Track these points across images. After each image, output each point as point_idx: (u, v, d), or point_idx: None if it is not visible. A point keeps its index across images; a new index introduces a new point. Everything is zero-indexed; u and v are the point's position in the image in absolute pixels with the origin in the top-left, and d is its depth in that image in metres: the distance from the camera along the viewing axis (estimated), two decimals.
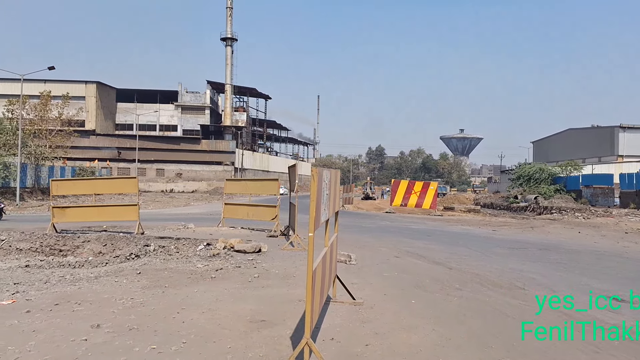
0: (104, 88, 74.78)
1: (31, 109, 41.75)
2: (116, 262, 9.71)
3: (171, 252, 10.68)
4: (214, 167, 72.40)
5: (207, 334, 5.19)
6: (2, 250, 11.14)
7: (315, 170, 4.00)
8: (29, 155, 39.00)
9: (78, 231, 14.35)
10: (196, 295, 6.88)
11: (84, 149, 64.29)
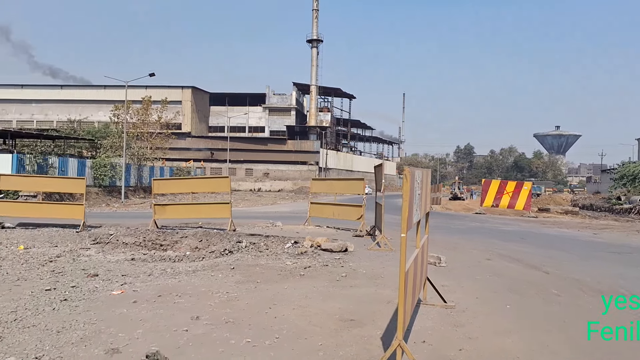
0: (199, 92, 78.87)
1: (134, 113, 44.97)
2: (211, 257, 10.20)
3: (261, 248, 11.04)
4: (299, 167, 73.90)
5: (298, 330, 5.30)
6: (111, 244, 12.09)
7: (408, 170, 3.94)
8: (132, 156, 42.03)
9: (176, 227, 15.23)
10: (286, 291, 7.06)
11: (181, 150, 68.16)
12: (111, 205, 31.72)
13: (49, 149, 39.23)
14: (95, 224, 15.36)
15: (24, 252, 10.43)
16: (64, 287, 7.01)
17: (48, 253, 10.38)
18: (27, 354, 4.38)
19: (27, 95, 76.96)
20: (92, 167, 37.13)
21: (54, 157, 34.83)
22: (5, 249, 10.84)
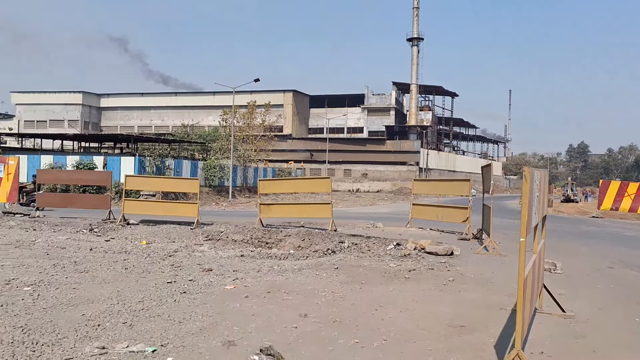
0: (299, 95, 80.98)
1: (240, 118, 47.24)
2: (315, 257, 10.40)
3: (363, 249, 11.05)
4: (398, 167, 73.07)
5: (406, 333, 5.23)
6: (222, 241, 12.77)
7: (528, 170, 3.73)
8: (238, 158, 44.17)
9: (280, 226, 15.73)
10: (392, 294, 6.99)
11: (282, 152, 70.38)
12: (220, 204, 33.56)
13: (166, 151, 42.43)
14: (207, 222, 16.30)
15: (146, 247, 11.34)
16: (182, 281, 7.52)
17: (167, 248, 11.19)
18: (154, 342, 4.75)
19: (147, 103, 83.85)
20: (203, 168, 39.55)
21: (170, 160, 37.59)
22: (130, 243, 11.86)
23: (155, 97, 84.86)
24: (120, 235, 13.22)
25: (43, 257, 9.54)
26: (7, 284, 6.94)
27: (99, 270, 8.31)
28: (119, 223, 15.24)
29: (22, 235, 12.54)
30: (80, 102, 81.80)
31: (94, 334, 4.92)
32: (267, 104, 51.06)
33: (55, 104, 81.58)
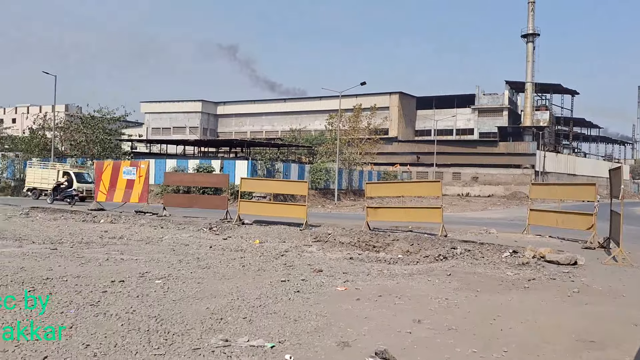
0: (405, 97, 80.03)
1: (346, 121, 47.77)
2: (426, 262, 10.19)
3: (477, 256, 10.62)
4: (511, 171, 69.24)
5: (528, 345, 4.93)
6: (329, 242, 12.99)
7: None
8: (344, 161, 44.68)
9: (387, 230, 15.62)
10: (511, 303, 6.64)
11: (387, 155, 69.92)
12: (326, 206, 34.15)
13: (275, 155, 44.13)
14: (315, 224, 16.66)
15: (260, 246, 11.87)
16: (295, 280, 7.76)
17: (278, 247, 11.62)
18: (272, 338, 4.94)
19: (258, 109, 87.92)
20: (310, 171, 40.53)
21: (279, 163, 39.05)
22: (245, 242, 12.49)
23: (265, 104, 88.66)
24: (236, 234, 13.96)
25: (170, 252, 10.37)
26: (141, 277, 7.63)
27: (219, 266, 8.84)
28: (235, 222, 16.10)
29: (152, 232, 13.74)
30: (199, 110, 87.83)
31: (218, 327, 5.23)
32: (373, 106, 51.13)
33: (178, 112, 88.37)
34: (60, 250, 10.21)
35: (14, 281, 7.01)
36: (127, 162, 22.35)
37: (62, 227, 14.25)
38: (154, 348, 4.53)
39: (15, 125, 77.06)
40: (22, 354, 4.25)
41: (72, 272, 7.83)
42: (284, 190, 24.30)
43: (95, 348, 4.46)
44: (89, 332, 4.89)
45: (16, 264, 8.39)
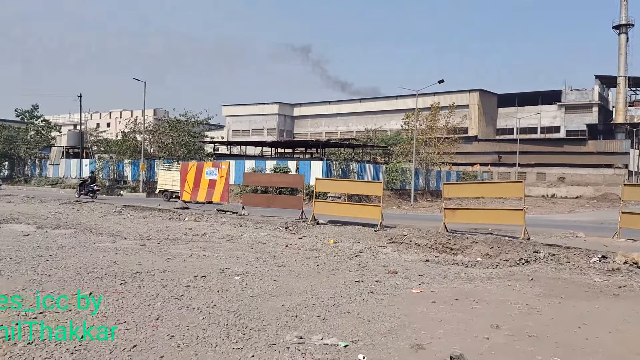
0: (486, 95, 77.29)
1: (423, 120, 46.95)
2: (506, 266, 9.82)
3: (562, 261, 10.07)
4: (602, 171, 64.78)
5: (615, 356, 4.63)
6: (405, 244, 12.85)
7: None
8: (420, 162, 43.93)
9: (466, 232, 15.19)
10: (597, 311, 6.25)
11: (467, 154, 67.90)
12: (401, 207, 33.77)
13: (350, 156, 44.26)
14: (390, 225, 16.53)
15: (334, 246, 11.97)
16: (369, 281, 7.76)
17: (353, 248, 11.67)
18: (345, 337, 4.99)
19: (333, 110, 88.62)
20: (385, 171, 40.24)
21: (354, 163, 39.11)
22: (320, 242, 12.65)
23: (341, 105, 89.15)
24: (311, 233, 14.17)
25: (248, 250, 10.73)
26: (221, 272, 7.97)
27: (294, 265, 9.03)
28: (310, 222, 16.34)
29: (232, 230, 14.27)
30: (277, 112, 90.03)
31: (293, 324, 5.36)
32: (451, 105, 49.87)
33: (256, 115, 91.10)
34: (149, 246, 10.87)
35: (107, 274, 7.57)
36: (210, 163, 23.37)
37: (151, 225, 15.16)
38: (233, 342, 4.72)
39: (110, 129, 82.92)
40: (114, 343, 4.59)
41: (159, 267, 8.33)
42: (358, 190, 24.32)
43: (179, 339, 4.73)
44: (173, 324, 5.19)
45: (110, 258, 9.06)
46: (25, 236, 11.63)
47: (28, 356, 4.20)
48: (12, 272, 7.48)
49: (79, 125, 58.92)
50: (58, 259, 8.73)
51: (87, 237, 11.87)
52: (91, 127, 76.03)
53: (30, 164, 53.68)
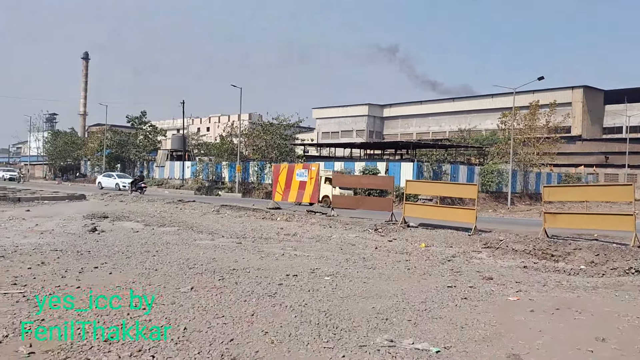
0: (591, 92, 71.92)
1: (521, 119, 44.67)
2: (613, 275, 9.11)
3: None
4: None
5: None
6: (501, 249, 12.31)
7: None
8: (518, 163, 41.86)
9: (568, 238, 14.26)
10: None
11: (569, 155, 63.60)
12: (497, 210, 32.37)
13: (442, 157, 43.16)
14: (485, 229, 15.92)
15: (425, 250, 11.77)
16: (462, 286, 7.54)
17: (445, 252, 11.39)
18: (437, 342, 4.90)
19: (424, 110, 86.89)
20: (480, 173, 38.81)
21: (446, 165, 38.11)
22: (410, 245, 12.50)
23: (432, 104, 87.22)
24: (401, 236, 14.03)
25: (338, 251, 10.86)
26: (312, 272, 8.15)
27: (384, 267, 9.00)
28: (400, 225, 16.17)
29: (321, 231, 14.51)
30: (366, 113, 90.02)
31: (383, 327, 5.36)
32: (552, 103, 46.97)
33: (345, 117, 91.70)
34: (244, 244, 11.36)
35: (207, 270, 8.02)
36: (300, 165, 23.91)
37: (246, 224, 15.82)
38: (324, 341, 4.81)
39: (209, 133, 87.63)
40: (212, 336, 4.86)
41: (254, 264, 8.68)
42: (451, 193, 23.68)
43: (273, 335, 4.91)
44: (267, 321, 5.39)
45: (209, 254, 9.59)
46: (135, 233, 12.63)
47: (132, 345, 4.56)
48: (124, 266, 8.17)
49: (181, 129, 62.86)
50: (163, 255, 9.39)
51: (188, 235, 12.64)
52: (192, 131, 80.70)
53: (139, 166, 58.11)
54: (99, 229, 12.81)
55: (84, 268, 7.85)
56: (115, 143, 58.31)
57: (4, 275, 7.09)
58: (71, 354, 4.25)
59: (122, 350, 4.36)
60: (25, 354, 4.20)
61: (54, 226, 13.27)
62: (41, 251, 9.29)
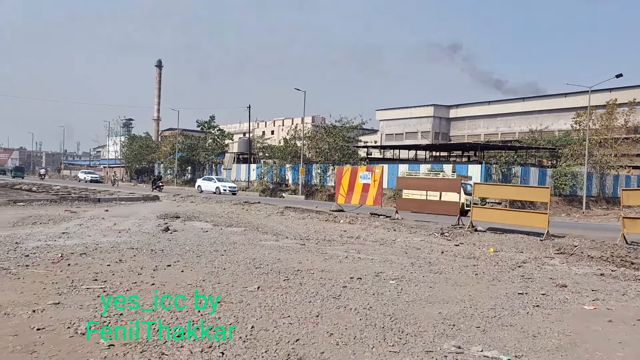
0: None
1: (597, 119, 42.28)
2: None
3: None
4: None
5: None
6: (575, 256, 11.70)
7: None
8: (594, 165, 39.64)
9: None
10: None
11: None
12: (571, 215, 30.82)
13: (512, 159, 41.60)
14: (558, 234, 15.21)
15: (494, 255, 11.39)
16: (534, 293, 7.24)
17: (515, 258, 10.97)
18: (507, 351, 4.73)
19: (492, 110, 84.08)
20: (552, 176, 37.11)
21: (516, 167, 36.71)
22: (478, 250, 12.14)
23: (501, 105, 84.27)
24: (469, 240, 13.66)
25: (402, 255, 10.73)
26: (376, 276, 8.10)
27: (451, 272, 8.80)
28: (467, 229, 15.75)
29: (385, 234, 14.40)
30: (431, 114, 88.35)
31: (450, 333, 5.24)
32: (631, 101, 44.11)
33: (409, 118, 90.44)
34: (308, 245, 11.49)
35: (272, 270, 8.18)
36: (363, 167, 23.87)
37: (309, 225, 15.99)
38: (389, 345, 4.78)
39: (273, 136, 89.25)
40: (279, 335, 4.95)
41: (318, 266, 8.76)
42: (521, 196, 22.77)
43: (338, 337, 4.93)
44: (332, 322, 5.42)
45: (274, 255, 9.77)
46: (204, 232, 13.09)
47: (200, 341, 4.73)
48: (194, 265, 8.49)
49: (247, 133, 64.50)
50: (231, 254, 9.68)
51: (254, 235, 12.95)
52: (257, 134, 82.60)
53: (208, 169, 60.21)
54: (171, 228, 13.39)
55: (157, 266, 8.24)
56: (186, 147, 60.75)
57: (86, 272, 7.57)
58: (147, 347, 4.47)
59: (193, 346, 4.53)
60: (105, 346, 4.45)
61: (130, 225, 14.00)
62: (119, 249, 9.84)
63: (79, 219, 15.25)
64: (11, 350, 4.29)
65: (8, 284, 6.64)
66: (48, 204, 20.66)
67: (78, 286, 6.62)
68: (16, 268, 7.65)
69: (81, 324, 5.01)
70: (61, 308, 5.58)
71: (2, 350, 4.28)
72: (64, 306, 5.65)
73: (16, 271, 7.44)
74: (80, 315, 5.29)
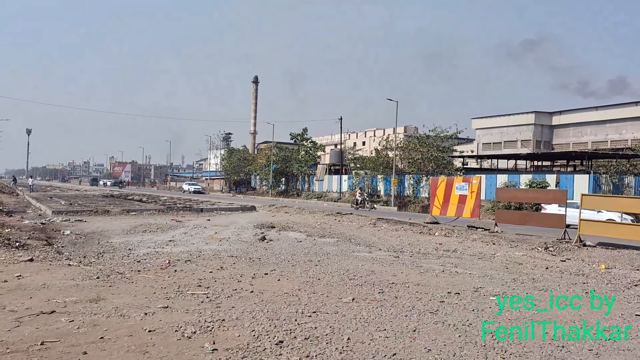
0: None
1: None
2: None
3: None
4: None
5: None
6: None
7: None
8: None
9: None
10: None
11: None
12: None
13: (625, 168, 38.16)
14: None
15: (606, 272, 10.48)
16: None
17: (630, 276, 10.03)
18: None
19: (600, 116, 77.92)
20: None
21: (629, 177, 33.67)
22: (587, 266, 11.24)
23: (610, 110, 77.87)
24: (577, 256, 12.71)
25: (503, 270, 10.21)
26: (475, 291, 7.78)
27: (558, 290, 8.23)
28: (575, 244, 14.67)
29: (484, 248, 13.80)
30: (532, 122, 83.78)
31: (559, 355, 4.89)
32: None
33: (508, 126, 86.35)
34: (402, 258, 11.31)
35: (366, 282, 8.14)
36: (460, 178, 23.12)
37: (402, 237, 15.74)
38: None
39: (365, 147, 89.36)
40: (375, 348, 4.89)
41: (413, 279, 8.58)
42: (637, 209, 20.81)
43: (436, 353, 4.79)
44: (429, 338, 5.28)
45: (367, 267, 9.73)
46: (298, 242, 13.36)
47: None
48: (290, 274, 8.68)
49: (339, 144, 65.15)
50: (324, 265, 9.78)
51: (347, 246, 12.99)
52: (349, 146, 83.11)
53: (301, 180, 61.55)
54: (267, 237, 13.83)
55: (255, 274, 8.53)
56: (280, 159, 62.60)
57: (191, 278, 8.02)
58: (247, 353, 4.63)
59: (291, 354, 4.62)
60: (209, 350, 4.67)
61: (230, 234, 14.65)
62: (219, 257, 10.32)
63: (184, 227, 16.24)
64: (126, 349, 4.64)
65: (123, 287, 7.22)
66: (157, 213, 22.25)
67: (184, 291, 7.03)
68: (130, 273, 8.30)
69: (187, 327, 5.30)
70: (169, 312, 5.95)
71: (119, 349, 4.64)
72: (172, 310, 6.03)
73: (130, 275, 8.06)
74: (187, 320, 5.61)
